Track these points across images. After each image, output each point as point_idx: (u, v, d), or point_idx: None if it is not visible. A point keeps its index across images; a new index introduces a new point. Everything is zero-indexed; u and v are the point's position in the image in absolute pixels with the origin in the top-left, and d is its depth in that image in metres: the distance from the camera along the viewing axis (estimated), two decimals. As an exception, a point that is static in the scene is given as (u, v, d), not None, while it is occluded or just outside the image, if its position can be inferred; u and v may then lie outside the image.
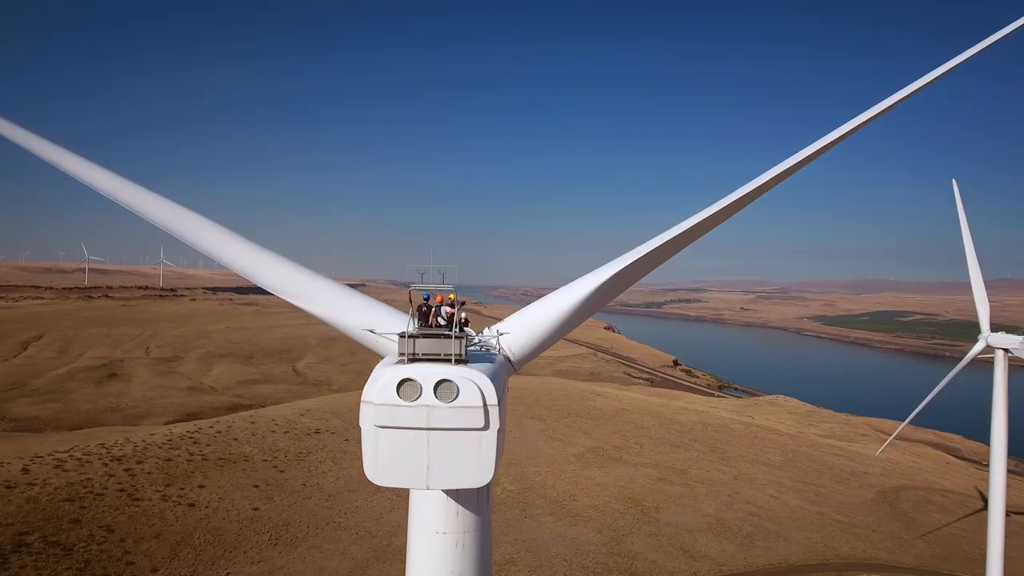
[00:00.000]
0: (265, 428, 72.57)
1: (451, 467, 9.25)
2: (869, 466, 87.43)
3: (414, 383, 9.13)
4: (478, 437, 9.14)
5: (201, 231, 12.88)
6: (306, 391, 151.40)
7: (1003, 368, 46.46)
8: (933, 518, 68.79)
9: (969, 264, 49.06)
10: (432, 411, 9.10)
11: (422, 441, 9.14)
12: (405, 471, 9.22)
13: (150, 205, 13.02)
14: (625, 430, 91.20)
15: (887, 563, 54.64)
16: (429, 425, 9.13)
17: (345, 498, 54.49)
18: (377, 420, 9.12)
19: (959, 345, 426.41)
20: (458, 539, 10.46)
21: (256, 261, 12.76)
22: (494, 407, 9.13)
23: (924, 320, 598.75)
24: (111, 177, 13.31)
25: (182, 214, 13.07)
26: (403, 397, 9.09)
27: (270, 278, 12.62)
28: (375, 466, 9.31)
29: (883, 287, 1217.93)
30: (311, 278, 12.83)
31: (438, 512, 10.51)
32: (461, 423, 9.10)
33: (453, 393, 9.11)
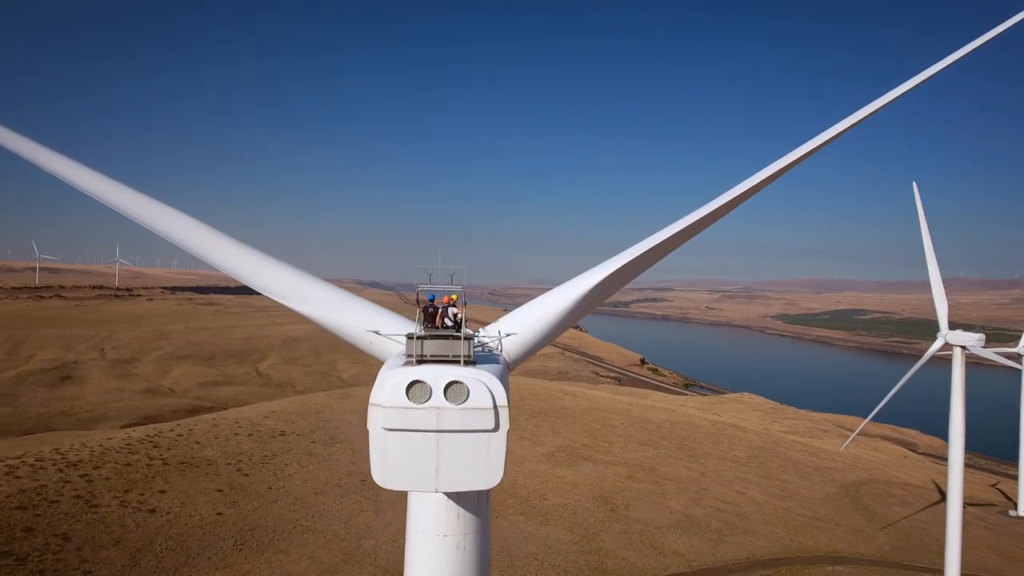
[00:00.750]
0: (228, 431, 70.90)
1: (460, 469, 9.09)
2: (831, 461, 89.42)
3: (424, 385, 8.99)
4: (488, 439, 9.00)
5: (190, 232, 12.55)
6: (269, 393, 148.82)
7: (960, 365, 47.85)
8: (893, 511, 70.61)
9: (929, 265, 50.39)
10: (442, 413, 8.94)
11: (431, 443, 8.97)
12: (413, 474, 9.10)
13: (136, 205, 12.61)
14: (594, 429, 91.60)
15: (850, 555, 55.82)
16: (439, 427, 8.95)
17: (312, 501, 53.49)
18: (386, 423, 9.01)
19: (915, 343, 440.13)
20: (459, 541, 10.35)
21: (247, 262, 12.48)
22: (504, 408, 9.04)
23: (882, 318, 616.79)
24: (94, 176, 12.85)
25: (167, 213, 12.71)
26: (412, 399, 8.95)
27: (262, 280, 12.35)
28: (383, 469, 9.21)
29: (843, 286, 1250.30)
30: (304, 279, 12.62)
31: (439, 515, 10.39)
32: (471, 425, 8.95)
33: (463, 395, 8.97)
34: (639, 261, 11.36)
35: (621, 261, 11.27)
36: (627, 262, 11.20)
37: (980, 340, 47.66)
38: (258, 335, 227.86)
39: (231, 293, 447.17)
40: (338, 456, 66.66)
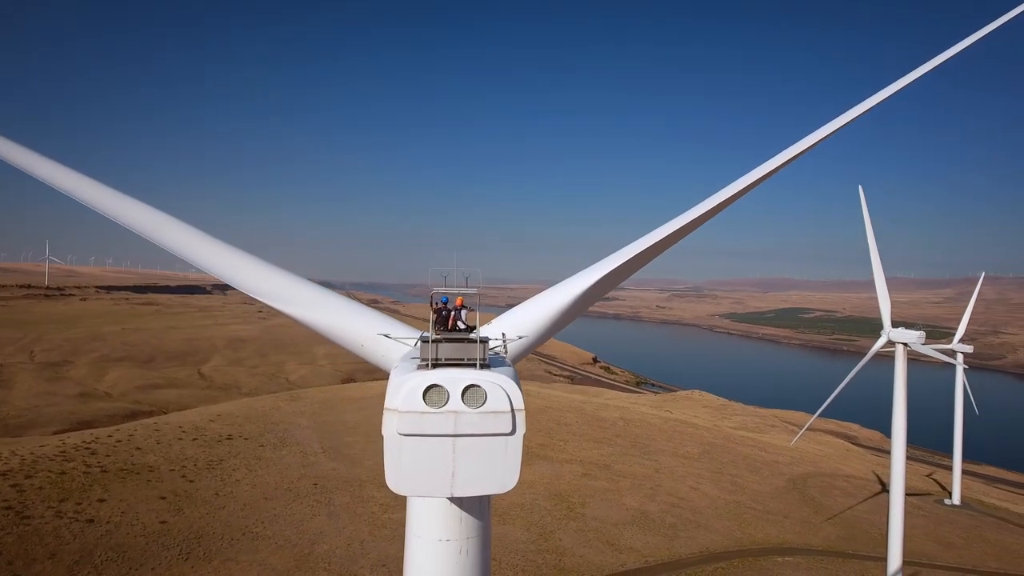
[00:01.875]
0: (171, 435, 68.22)
1: (477, 473, 8.96)
2: (779, 455, 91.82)
3: (441, 389, 8.89)
4: (504, 442, 8.92)
5: (177, 234, 12.28)
6: (214, 395, 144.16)
7: (903, 361, 49.60)
8: (838, 502, 72.90)
9: (873, 266, 52.04)
10: (459, 417, 8.82)
11: (448, 448, 8.83)
12: (429, 479, 8.93)
13: (121, 208, 12.24)
14: (549, 428, 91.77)
15: (799, 546, 57.30)
16: (456, 432, 8.81)
17: (262, 507, 51.82)
18: (402, 428, 8.81)
19: (855, 339, 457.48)
20: (461, 545, 10.26)
21: (232, 263, 12.25)
22: (520, 411, 8.97)
23: (824, 316, 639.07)
24: (76, 177, 12.44)
25: (153, 215, 12.36)
26: (429, 404, 8.81)
27: (248, 280, 12.12)
28: (398, 475, 8.97)
29: (788, 285, 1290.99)
30: (294, 281, 12.41)
31: (442, 519, 10.25)
32: (488, 428, 8.86)
33: (481, 398, 8.87)
34: (633, 262, 11.46)
35: (615, 263, 11.35)
36: (621, 264, 11.30)
37: (920, 337, 49.50)
38: (201, 336, 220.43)
39: (171, 292, 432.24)
40: (288, 460, 64.88)
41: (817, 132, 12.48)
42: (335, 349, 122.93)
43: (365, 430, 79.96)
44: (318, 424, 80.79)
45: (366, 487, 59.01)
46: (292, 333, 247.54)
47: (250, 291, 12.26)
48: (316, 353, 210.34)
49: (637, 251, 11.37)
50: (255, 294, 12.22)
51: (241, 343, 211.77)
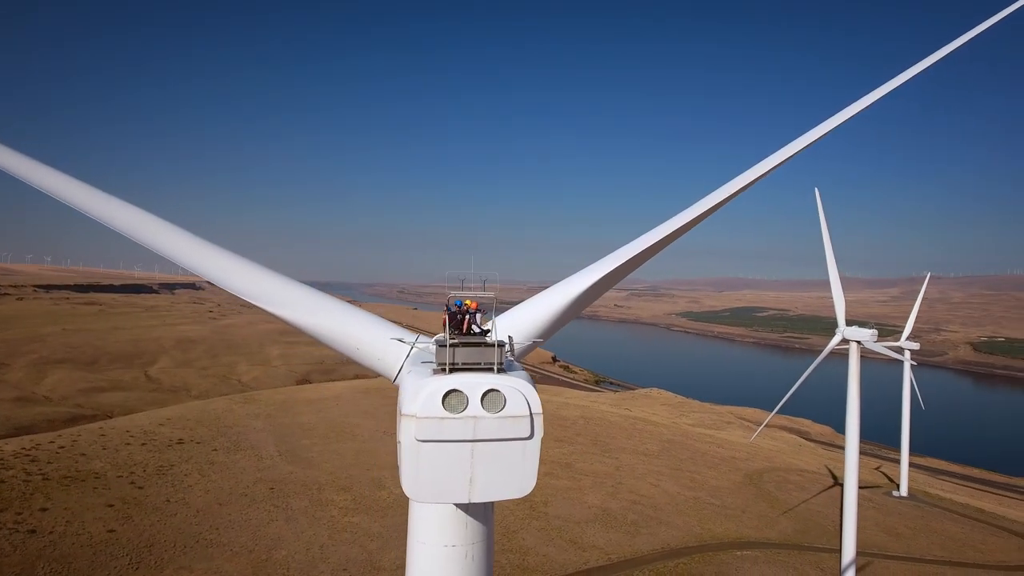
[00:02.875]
0: (118, 440, 65.66)
1: (495, 479, 8.87)
2: (736, 451, 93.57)
3: (460, 394, 8.77)
4: (523, 446, 8.86)
5: (165, 236, 12.26)
6: (162, 398, 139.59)
7: (856, 359, 50.94)
8: (793, 496, 74.61)
9: (828, 265, 53.25)
10: (479, 422, 8.71)
11: (466, 454, 8.73)
12: (447, 485, 8.85)
13: (108, 210, 12.08)
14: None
15: (756, 540, 58.36)
16: (475, 437, 8.71)
17: (216, 512, 50.17)
18: (420, 434, 8.66)
19: (807, 337, 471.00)
20: (467, 551, 10.16)
21: (218, 262, 12.21)
22: (539, 415, 8.94)
23: (777, 315, 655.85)
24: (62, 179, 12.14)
25: (142, 217, 12.25)
26: (448, 409, 8.71)
27: (242, 284, 12.07)
28: (415, 482, 8.84)
29: (742, 285, 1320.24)
30: (288, 284, 12.34)
31: (448, 525, 10.12)
32: (508, 433, 8.77)
33: (500, 403, 8.77)
34: (633, 262, 11.64)
35: (615, 263, 11.47)
36: (621, 264, 11.44)
37: (873, 336, 50.85)
38: (147, 336, 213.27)
39: (115, 292, 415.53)
40: (243, 464, 63.12)
41: (804, 138, 12.79)
42: (289, 350, 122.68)
43: (322, 432, 78.44)
44: (273, 427, 78.91)
45: (325, 490, 57.79)
46: (244, 333, 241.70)
47: (241, 293, 12.03)
48: (269, 354, 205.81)
49: (637, 251, 11.50)
50: (246, 296, 11.96)
51: (190, 344, 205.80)
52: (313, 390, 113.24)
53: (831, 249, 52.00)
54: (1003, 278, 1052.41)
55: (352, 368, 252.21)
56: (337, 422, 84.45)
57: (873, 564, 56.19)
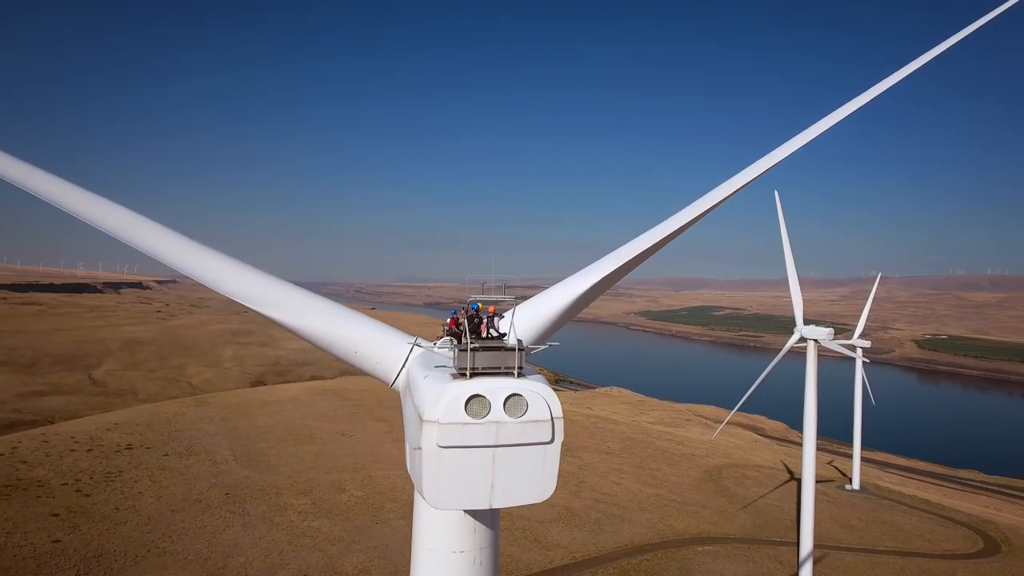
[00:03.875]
0: (62, 447, 62.83)
1: (515, 484, 8.78)
2: (695, 448, 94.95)
3: (483, 399, 8.64)
4: (543, 451, 8.76)
5: (157, 237, 12.17)
6: (108, 402, 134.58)
7: (813, 357, 52.07)
8: (751, 491, 76.03)
9: (788, 267, 54.32)
10: (501, 427, 8.58)
11: (487, 459, 8.62)
12: (467, 492, 8.76)
13: (101, 212, 12.05)
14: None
15: (717, 535, 59.21)
16: (497, 442, 8.59)
17: (169, 520, 48.36)
18: (442, 440, 8.51)
19: (761, 336, 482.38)
20: (475, 556, 10.16)
21: (217, 268, 12.12)
22: (559, 419, 8.85)
23: (732, 314, 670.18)
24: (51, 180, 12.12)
25: (134, 219, 12.21)
26: (471, 414, 8.57)
27: (235, 286, 11.97)
28: (436, 489, 8.70)
29: (698, 284, 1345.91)
30: (283, 287, 12.21)
31: (456, 532, 10.09)
32: (529, 438, 8.66)
33: (523, 408, 8.65)
34: (632, 263, 11.90)
35: (615, 264, 11.68)
36: (620, 265, 11.69)
37: (830, 334, 52.09)
38: (91, 338, 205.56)
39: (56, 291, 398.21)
40: (196, 469, 61.11)
41: (791, 143, 13.25)
42: (242, 351, 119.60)
43: (279, 435, 76.62)
44: (228, 430, 76.73)
45: (283, 495, 56.35)
46: (194, 334, 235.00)
47: (234, 295, 11.91)
48: (221, 355, 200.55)
49: (637, 251, 11.72)
50: (240, 299, 11.87)
51: (137, 345, 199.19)
52: (268, 392, 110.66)
53: (790, 252, 52.99)
54: (946, 278, 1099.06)
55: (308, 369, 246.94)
56: (294, 425, 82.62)
57: (828, 556, 57.57)
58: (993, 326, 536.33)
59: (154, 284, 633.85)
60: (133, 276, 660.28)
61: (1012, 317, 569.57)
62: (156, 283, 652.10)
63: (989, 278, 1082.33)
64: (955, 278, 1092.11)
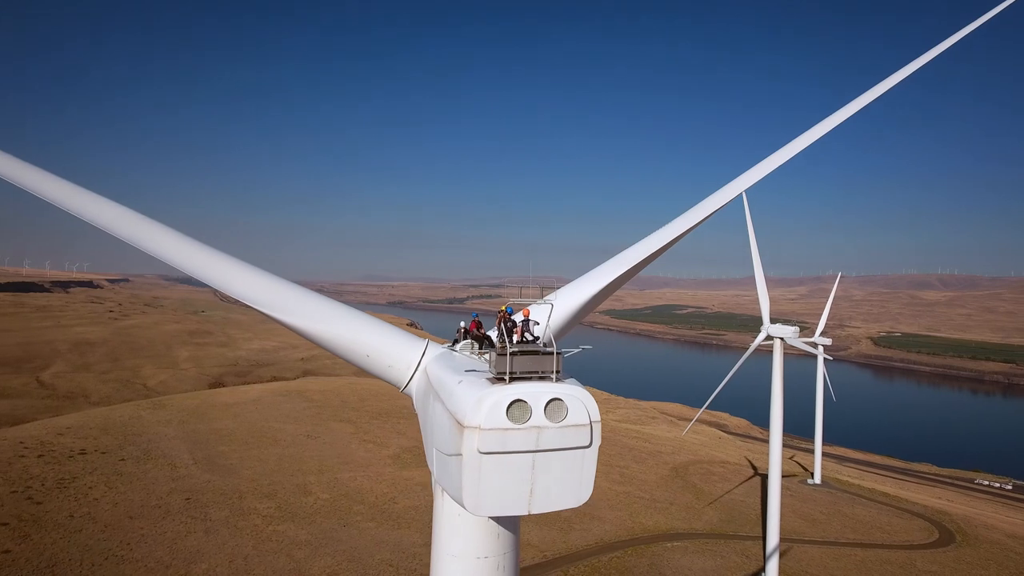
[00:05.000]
0: (10, 452, 60.13)
1: (553, 489, 8.66)
2: (662, 446, 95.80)
3: (524, 404, 8.51)
4: (582, 455, 8.66)
5: (160, 235, 12.00)
6: (57, 406, 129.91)
7: (779, 354, 52.91)
8: (717, 487, 76.99)
9: (755, 266, 55.11)
10: (542, 432, 8.45)
11: (527, 465, 8.50)
12: (507, 498, 8.66)
13: (112, 217, 11.86)
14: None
15: (685, 531, 59.74)
16: (538, 447, 8.47)
17: (127, 526, 46.63)
18: (483, 446, 8.41)
19: (722, 334, 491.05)
20: (499, 561, 10.14)
21: (225, 269, 11.96)
22: (597, 423, 8.73)
23: (695, 313, 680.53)
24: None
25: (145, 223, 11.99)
26: (512, 420, 8.45)
27: (245, 289, 11.76)
28: (476, 496, 8.59)
29: (662, 284, 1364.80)
30: (293, 290, 12.08)
31: (481, 537, 10.03)
32: (569, 443, 8.56)
33: (563, 412, 8.52)
34: (641, 264, 12.15)
35: (630, 261, 12.00)
36: (634, 264, 11.96)
37: (795, 333, 53.07)
38: (39, 339, 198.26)
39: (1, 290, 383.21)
40: (155, 474, 59.18)
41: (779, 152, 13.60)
42: (199, 351, 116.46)
43: (241, 438, 74.80)
44: (187, 433, 74.58)
45: (246, 499, 54.92)
46: (149, 335, 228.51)
47: (243, 298, 11.67)
48: (177, 356, 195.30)
49: (645, 253, 12.06)
50: (249, 301, 11.65)
51: (88, 347, 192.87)
52: (229, 394, 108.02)
53: (758, 253, 53.73)
54: (899, 277, 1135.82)
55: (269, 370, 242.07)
56: (257, 427, 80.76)
57: (793, 549, 58.60)
58: (943, 323, 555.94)
59: (105, 283, 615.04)
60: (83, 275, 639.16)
61: (961, 315, 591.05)
62: (108, 282, 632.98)
63: (939, 277, 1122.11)
64: (907, 277, 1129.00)
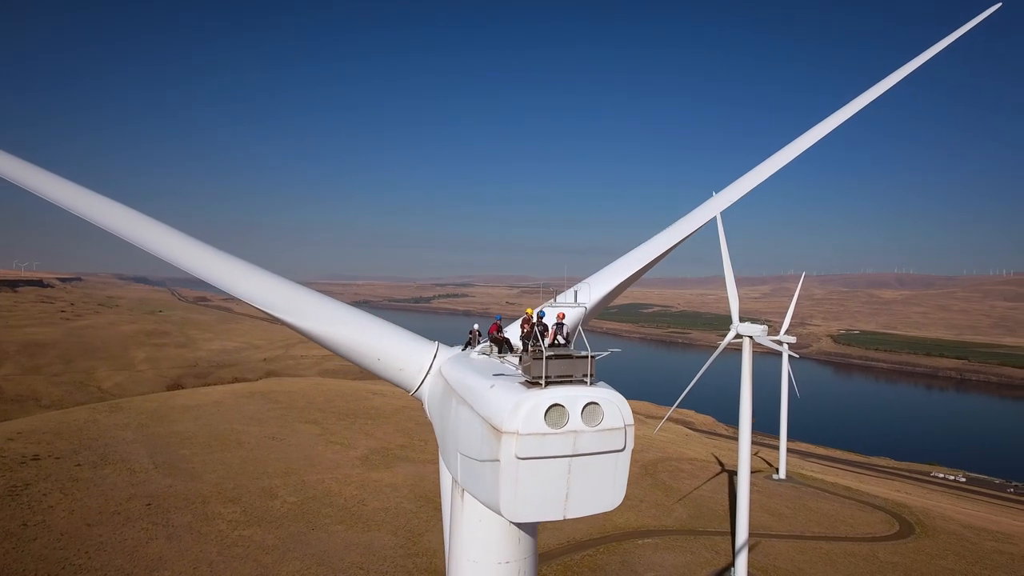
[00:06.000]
0: (-42, 459, 57.66)
1: (588, 493, 8.61)
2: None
3: (562, 408, 8.43)
4: (615, 459, 8.61)
5: (166, 236, 12.04)
6: (6, 410, 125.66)
7: (748, 352, 53.56)
8: (685, 484, 77.68)
9: (724, 265, 55.66)
10: (579, 437, 8.40)
11: (563, 469, 8.44)
12: (543, 503, 8.62)
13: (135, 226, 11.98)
14: (408, 428, 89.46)
15: (655, 528, 60.09)
16: (575, 451, 8.40)
17: (84, 534, 44.89)
18: (521, 451, 8.34)
19: (688, 332, 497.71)
20: (520, 566, 10.15)
21: (235, 271, 11.92)
22: (631, 427, 8.75)
23: (661, 311, 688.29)
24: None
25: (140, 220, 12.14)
26: (550, 424, 8.39)
27: (257, 292, 11.70)
28: (514, 502, 8.51)
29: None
30: (305, 293, 12.01)
31: (503, 542, 9.96)
32: (605, 446, 8.53)
33: (599, 416, 8.50)
34: (646, 268, 12.91)
35: (638, 264, 12.74)
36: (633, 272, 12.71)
37: (764, 331, 53.74)
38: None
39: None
40: (113, 479, 57.23)
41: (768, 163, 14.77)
42: (157, 352, 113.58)
43: (204, 441, 72.91)
44: (146, 437, 72.39)
45: (210, 503, 53.44)
46: (103, 335, 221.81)
47: (253, 301, 11.66)
48: (134, 357, 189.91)
49: (652, 256, 12.85)
50: (259, 305, 11.64)
51: (39, 348, 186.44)
52: (189, 396, 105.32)
53: (727, 252, 54.20)
54: (857, 276, 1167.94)
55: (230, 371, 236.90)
56: (220, 429, 78.80)
57: (761, 543, 59.37)
58: (900, 321, 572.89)
59: (56, 282, 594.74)
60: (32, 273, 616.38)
61: (916, 313, 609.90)
62: (59, 280, 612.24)
63: (896, 276, 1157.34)
64: (865, 276, 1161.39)
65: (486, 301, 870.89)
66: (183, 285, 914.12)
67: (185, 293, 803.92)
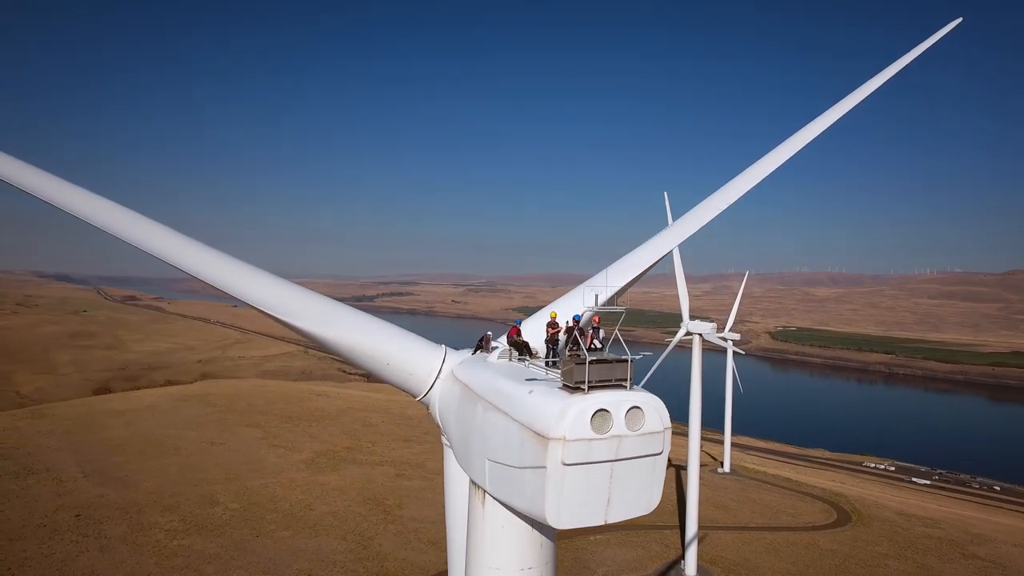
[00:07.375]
0: None
1: (628, 497, 8.59)
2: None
3: (607, 414, 8.41)
4: (653, 462, 8.63)
5: (170, 239, 11.68)
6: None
7: (699, 349, 54.51)
8: (634, 479, 78.56)
9: (675, 265, 56.54)
10: (622, 441, 8.38)
11: (606, 474, 8.43)
12: (585, 508, 8.51)
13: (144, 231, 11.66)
14: (354, 429, 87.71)
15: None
16: (618, 456, 8.40)
17: (7, 549, 41.91)
18: (567, 457, 8.25)
19: (632, 330, 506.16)
20: (541, 572, 10.07)
21: (240, 274, 11.64)
22: (669, 430, 8.78)
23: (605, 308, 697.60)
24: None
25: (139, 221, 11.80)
26: (595, 430, 8.34)
27: (259, 294, 11.40)
28: (558, 509, 8.41)
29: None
30: (311, 296, 11.85)
31: (526, 548, 9.87)
32: (645, 450, 8.53)
33: (641, 420, 8.53)
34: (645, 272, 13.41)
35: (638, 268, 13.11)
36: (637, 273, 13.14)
37: (713, 328, 54.83)
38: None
39: None
40: (37, 490, 53.90)
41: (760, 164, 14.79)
42: (82, 355, 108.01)
43: (137, 447, 69.56)
44: (73, 444, 68.58)
45: (146, 512, 50.83)
46: (21, 337, 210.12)
47: (258, 304, 11.34)
48: (56, 360, 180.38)
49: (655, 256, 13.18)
50: (263, 307, 11.31)
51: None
52: (120, 400, 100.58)
53: (677, 252, 54.92)
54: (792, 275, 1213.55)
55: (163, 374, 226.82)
56: (154, 435, 75.35)
57: (708, 536, 60.52)
58: (833, 318, 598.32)
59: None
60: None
61: (848, 310, 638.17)
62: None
63: (829, 275, 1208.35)
64: (800, 275, 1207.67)
65: (431, 299, 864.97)
66: (110, 284, 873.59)
67: (112, 292, 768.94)
